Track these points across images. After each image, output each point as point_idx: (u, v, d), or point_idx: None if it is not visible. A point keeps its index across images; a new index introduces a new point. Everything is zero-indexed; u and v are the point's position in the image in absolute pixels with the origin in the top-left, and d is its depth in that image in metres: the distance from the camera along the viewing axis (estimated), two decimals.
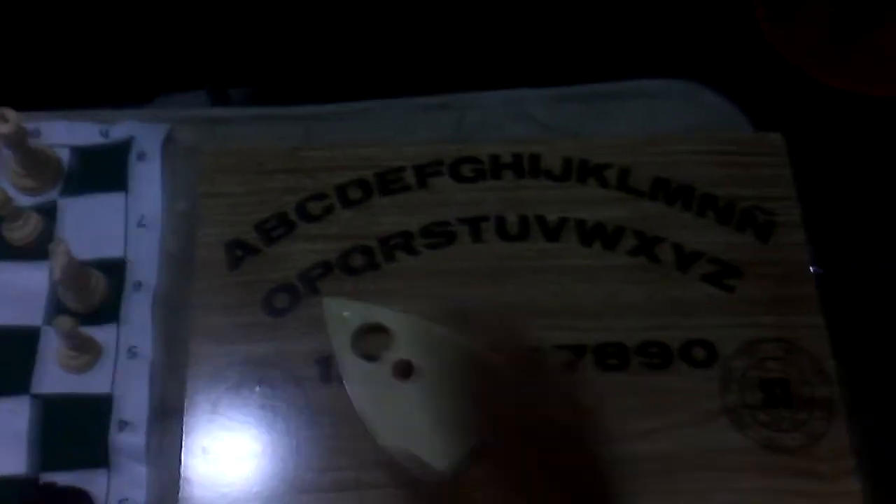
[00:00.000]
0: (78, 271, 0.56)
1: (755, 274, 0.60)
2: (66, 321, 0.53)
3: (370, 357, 0.55)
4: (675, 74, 0.69)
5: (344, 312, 0.57)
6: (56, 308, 0.57)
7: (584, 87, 0.67)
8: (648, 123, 0.66)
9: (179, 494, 0.52)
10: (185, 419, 0.54)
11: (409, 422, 0.54)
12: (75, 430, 0.54)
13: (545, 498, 0.45)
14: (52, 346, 0.56)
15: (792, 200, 0.63)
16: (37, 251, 0.59)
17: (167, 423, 0.54)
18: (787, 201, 0.63)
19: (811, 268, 0.59)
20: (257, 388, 0.55)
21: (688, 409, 0.56)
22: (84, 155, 0.62)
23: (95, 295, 0.57)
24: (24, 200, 0.60)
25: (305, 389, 0.56)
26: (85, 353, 0.55)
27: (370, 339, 0.56)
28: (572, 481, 0.46)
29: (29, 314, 0.57)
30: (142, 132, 0.63)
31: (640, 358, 0.57)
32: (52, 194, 0.61)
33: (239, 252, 0.59)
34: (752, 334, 0.58)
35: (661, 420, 0.55)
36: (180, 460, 0.53)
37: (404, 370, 0.55)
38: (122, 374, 0.55)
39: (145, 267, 0.59)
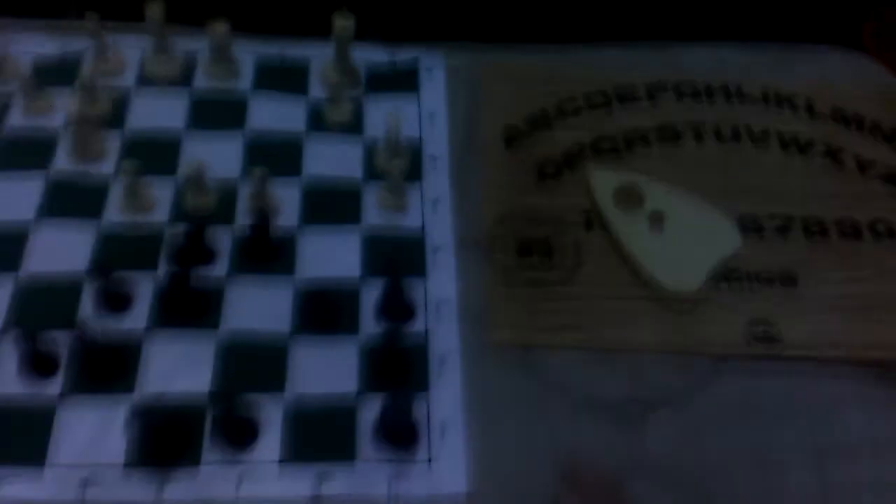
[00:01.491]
0: (393, 144, 0.73)
1: None
2: (389, 172, 0.70)
3: (627, 209, 0.70)
4: None
5: (607, 176, 0.72)
6: (373, 169, 0.73)
7: (772, 45, 0.84)
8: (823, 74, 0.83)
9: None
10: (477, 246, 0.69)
11: (660, 257, 0.68)
12: (399, 252, 0.68)
13: None
14: (374, 195, 0.71)
15: None
16: (351, 128, 0.75)
17: (464, 248, 0.69)
18: None
19: None
20: (530, 230, 0.70)
21: (876, 266, 0.70)
22: (380, 67, 0.80)
23: (402, 162, 0.73)
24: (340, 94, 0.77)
25: (571, 232, 0.70)
26: (402, 199, 0.71)
27: (626, 197, 0.71)
28: None
29: (353, 172, 0.73)
30: (426, 53, 0.81)
31: (837, 229, 0.72)
32: (359, 91, 0.78)
33: (513, 134, 0.76)
34: None
35: (856, 273, 0.69)
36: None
37: (656, 218, 0.70)
38: (429, 215, 0.71)
39: (437, 145, 0.75)
